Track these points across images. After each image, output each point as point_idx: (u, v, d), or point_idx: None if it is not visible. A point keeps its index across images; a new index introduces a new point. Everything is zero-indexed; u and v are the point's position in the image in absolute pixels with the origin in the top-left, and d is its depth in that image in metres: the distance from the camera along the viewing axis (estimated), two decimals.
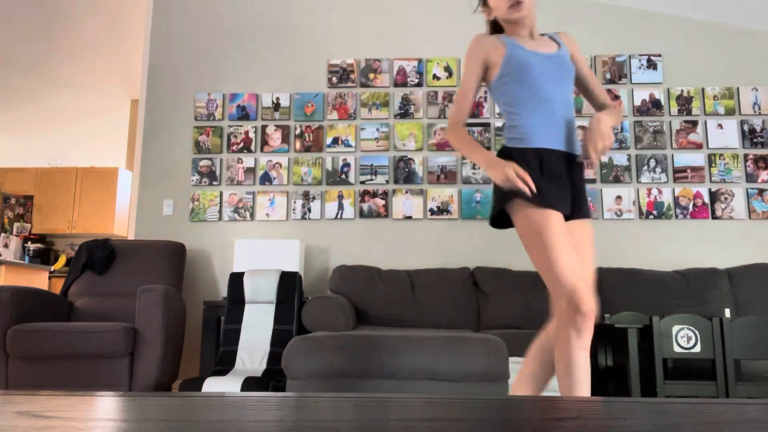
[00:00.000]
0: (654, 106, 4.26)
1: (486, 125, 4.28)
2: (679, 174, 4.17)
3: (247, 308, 3.47)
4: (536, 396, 0.61)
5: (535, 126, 1.74)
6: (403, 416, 0.48)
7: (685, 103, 4.26)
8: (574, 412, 0.52)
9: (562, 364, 1.62)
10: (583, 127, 1.74)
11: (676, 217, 4.12)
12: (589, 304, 1.59)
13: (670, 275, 3.79)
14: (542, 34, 1.90)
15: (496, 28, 1.92)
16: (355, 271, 3.86)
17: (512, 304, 3.74)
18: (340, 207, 4.24)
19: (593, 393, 3.18)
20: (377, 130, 4.32)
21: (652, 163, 4.18)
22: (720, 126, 4.22)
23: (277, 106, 4.41)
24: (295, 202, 4.27)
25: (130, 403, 0.53)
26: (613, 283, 3.78)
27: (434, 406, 0.54)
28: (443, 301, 3.76)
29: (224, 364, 3.26)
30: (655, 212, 4.12)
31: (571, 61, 1.84)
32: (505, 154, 1.78)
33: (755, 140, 4.19)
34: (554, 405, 0.55)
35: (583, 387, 1.61)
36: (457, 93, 1.85)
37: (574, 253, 1.65)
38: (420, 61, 4.41)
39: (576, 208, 1.76)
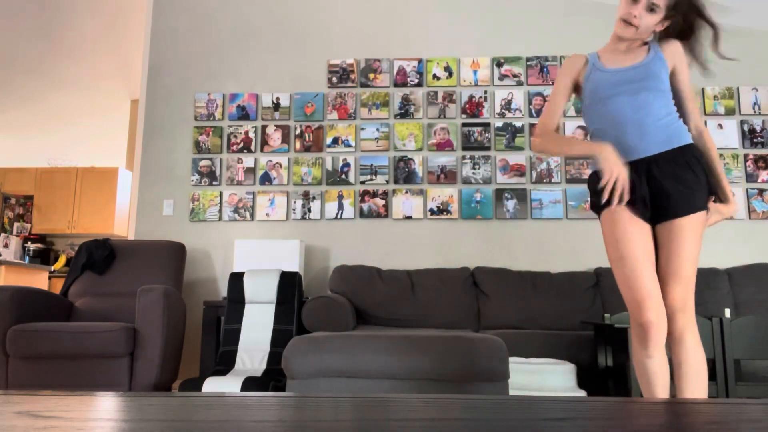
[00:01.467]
0: None
1: (486, 125, 4.28)
2: None
3: (247, 308, 3.47)
4: (534, 396, 0.61)
5: (615, 146, 1.76)
6: (403, 416, 0.48)
7: None
8: (574, 412, 0.52)
9: (637, 369, 1.72)
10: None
11: None
12: (648, 317, 1.62)
13: None
14: (645, 43, 1.87)
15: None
16: (355, 271, 3.86)
17: (512, 304, 3.74)
18: (340, 207, 4.24)
19: (593, 393, 3.18)
20: (377, 130, 4.32)
21: None
22: (720, 126, 4.22)
23: (277, 106, 4.41)
24: (295, 202, 4.27)
25: (130, 403, 0.53)
26: (613, 283, 3.79)
27: (434, 406, 0.54)
28: (443, 301, 3.76)
29: (224, 364, 3.26)
30: None
31: (661, 68, 1.80)
32: (594, 175, 1.81)
33: (755, 140, 4.19)
34: (554, 405, 0.55)
35: (657, 390, 1.68)
36: (545, 107, 1.90)
37: (650, 264, 1.67)
38: (420, 61, 4.41)
39: (664, 209, 1.72)
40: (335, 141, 4.33)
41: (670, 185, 1.71)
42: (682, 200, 1.70)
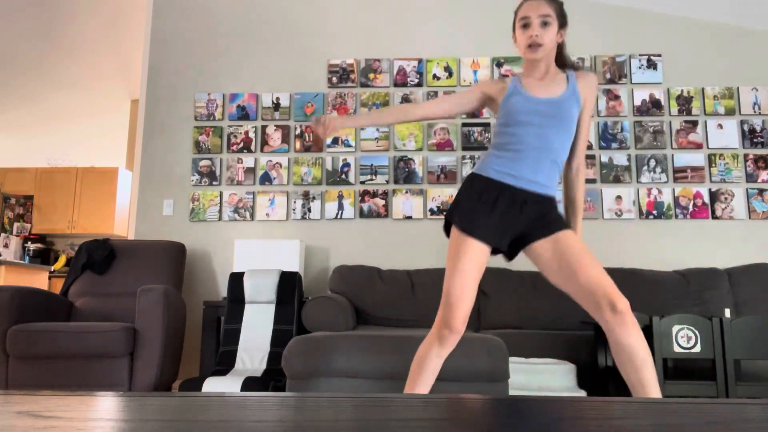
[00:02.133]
0: (654, 106, 4.26)
1: (486, 125, 4.28)
2: (679, 174, 4.17)
3: (247, 308, 3.47)
4: (534, 396, 0.61)
5: (507, 165, 1.84)
6: (403, 416, 0.48)
7: (685, 103, 4.26)
8: (574, 412, 0.52)
9: (417, 364, 1.83)
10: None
11: (676, 217, 4.12)
12: (462, 326, 1.78)
13: (670, 275, 3.79)
14: (564, 71, 1.93)
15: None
16: (355, 271, 3.86)
17: (512, 304, 3.75)
18: (340, 207, 4.24)
19: (593, 393, 3.18)
20: (377, 130, 4.32)
21: (652, 163, 4.18)
22: (720, 126, 4.22)
23: (277, 106, 4.42)
24: (295, 202, 4.27)
25: (130, 403, 0.53)
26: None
27: (434, 406, 0.54)
28: None
29: (224, 364, 3.26)
30: (655, 212, 4.12)
31: (574, 106, 1.86)
32: (470, 177, 1.90)
33: (755, 140, 4.19)
34: (554, 405, 0.55)
35: (428, 387, 1.83)
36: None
37: (474, 281, 1.80)
38: (420, 61, 4.41)
39: (539, 228, 1.84)
40: (335, 141, 4.33)
41: (546, 213, 1.86)
42: (555, 222, 1.86)
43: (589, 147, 4.24)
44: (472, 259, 1.79)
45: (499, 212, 1.81)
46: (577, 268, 1.75)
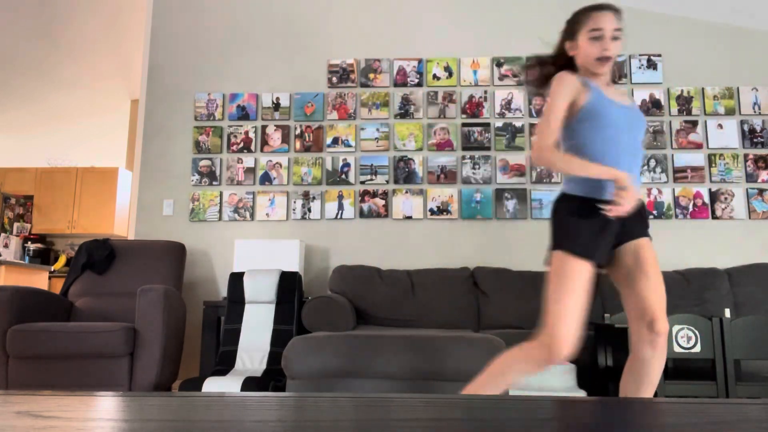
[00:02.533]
0: (654, 106, 4.26)
1: (486, 125, 4.28)
2: (679, 174, 4.17)
3: (247, 308, 3.47)
4: (534, 396, 0.61)
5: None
6: (403, 416, 0.48)
7: (685, 103, 4.26)
8: (574, 412, 0.52)
9: (501, 369, 1.73)
10: None
11: (676, 217, 4.12)
12: (569, 351, 1.69)
13: (670, 275, 3.79)
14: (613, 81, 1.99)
15: (564, 63, 1.97)
16: (355, 271, 3.86)
17: (512, 304, 3.74)
18: (340, 207, 4.24)
19: (593, 393, 3.18)
20: (377, 130, 4.32)
21: (652, 163, 4.18)
22: (720, 126, 4.22)
23: (277, 106, 4.41)
24: (295, 202, 4.27)
25: (130, 403, 0.53)
26: (613, 284, 3.78)
27: (434, 406, 0.54)
28: (443, 301, 3.75)
29: (224, 364, 3.26)
30: (655, 212, 4.12)
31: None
32: (578, 201, 1.79)
33: (755, 140, 4.19)
34: (554, 405, 0.55)
35: (495, 391, 1.74)
36: (541, 122, 1.84)
37: (584, 303, 1.73)
38: (420, 61, 4.41)
39: (627, 232, 1.82)
40: (335, 141, 4.33)
41: (633, 215, 1.84)
42: (639, 227, 1.85)
43: None
44: (585, 281, 1.76)
45: (610, 230, 1.80)
46: (644, 276, 1.79)
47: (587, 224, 1.74)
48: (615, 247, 1.84)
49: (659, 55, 4.33)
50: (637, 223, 1.84)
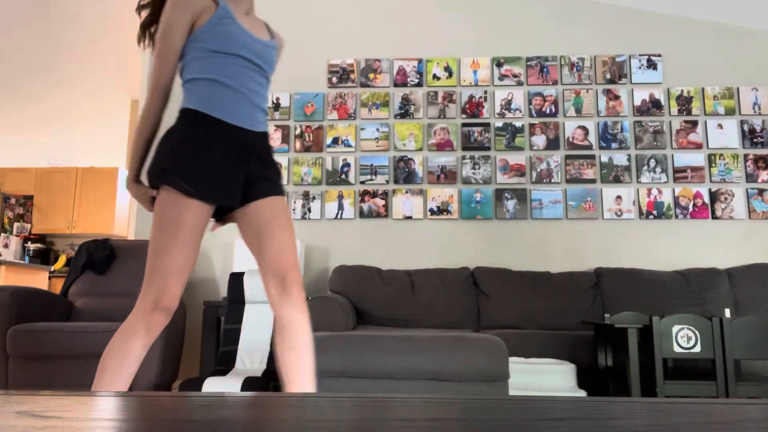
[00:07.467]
0: (654, 106, 4.26)
1: (486, 125, 4.28)
2: (679, 174, 4.17)
3: (247, 308, 3.47)
4: (534, 396, 0.61)
5: (225, 99, 1.63)
6: (403, 416, 0.48)
7: (685, 103, 4.26)
8: (574, 412, 0.52)
9: (117, 360, 1.50)
10: None
11: (676, 217, 4.12)
12: (174, 303, 1.52)
13: (670, 275, 3.79)
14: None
15: None
16: (355, 271, 3.86)
17: (512, 304, 3.75)
18: (340, 207, 4.24)
19: (593, 393, 3.17)
20: (377, 130, 4.32)
21: (652, 163, 4.18)
22: (720, 126, 4.22)
23: (277, 106, 4.41)
24: (295, 202, 4.27)
25: (130, 403, 0.53)
26: (613, 283, 3.79)
27: (434, 406, 0.54)
28: (443, 301, 3.76)
29: (224, 364, 3.26)
30: (655, 212, 4.12)
31: (276, 59, 1.78)
32: (191, 115, 1.61)
33: (755, 140, 4.19)
34: (554, 405, 0.55)
35: (123, 384, 1.52)
36: (156, 51, 1.64)
37: (195, 246, 1.55)
38: (420, 61, 4.41)
39: (270, 186, 1.67)
40: (335, 141, 4.33)
41: (274, 165, 1.71)
42: (279, 184, 1.71)
43: (589, 147, 4.24)
44: (196, 226, 1.55)
45: (231, 165, 1.61)
46: (270, 237, 1.62)
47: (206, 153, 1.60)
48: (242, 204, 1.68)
49: (659, 55, 4.33)
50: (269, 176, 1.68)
